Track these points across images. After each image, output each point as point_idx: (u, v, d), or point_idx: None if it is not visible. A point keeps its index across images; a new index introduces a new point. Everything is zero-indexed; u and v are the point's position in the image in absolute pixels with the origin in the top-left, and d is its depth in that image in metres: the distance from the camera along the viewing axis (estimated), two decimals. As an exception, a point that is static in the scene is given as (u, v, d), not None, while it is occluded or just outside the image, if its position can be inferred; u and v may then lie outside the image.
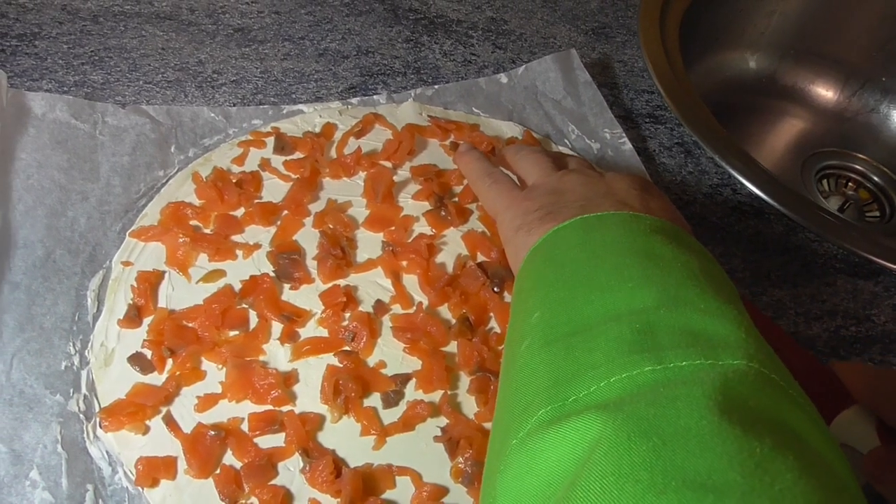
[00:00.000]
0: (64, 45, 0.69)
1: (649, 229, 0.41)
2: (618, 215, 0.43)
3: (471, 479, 0.46)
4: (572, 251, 0.41)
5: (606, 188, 0.48)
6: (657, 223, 0.43)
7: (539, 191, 0.50)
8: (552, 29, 0.80)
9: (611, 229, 0.42)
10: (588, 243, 0.41)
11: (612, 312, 0.35)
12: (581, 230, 0.43)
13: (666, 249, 0.39)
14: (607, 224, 0.42)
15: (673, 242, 0.40)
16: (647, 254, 0.38)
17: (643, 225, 0.42)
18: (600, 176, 0.50)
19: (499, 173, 0.55)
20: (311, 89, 0.69)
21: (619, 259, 0.38)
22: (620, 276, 0.37)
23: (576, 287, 0.38)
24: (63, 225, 0.55)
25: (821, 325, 0.59)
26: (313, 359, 0.51)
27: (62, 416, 0.47)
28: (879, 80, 0.94)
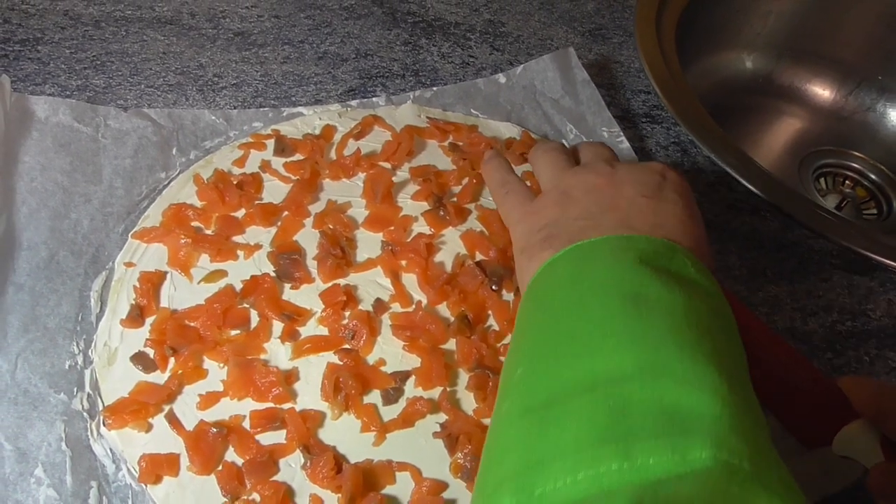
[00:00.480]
0: (66, 50, 0.70)
1: (641, 258, 0.40)
2: (611, 241, 0.42)
3: (470, 474, 0.47)
4: (562, 291, 0.40)
5: (612, 197, 0.46)
6: (651, 246, 0.42)
7: (546, 201, 0.48)
8: (549, 31, 0.81)
9: (602, 260, 0.41)
10: (578, 281, 0.40)
11: (589, 380, 0.34)
12: (574, 262, 0.42)
13: (653, 288, 0.38)
14: (600, 253, 0.42)
15: (663, 275, 0.39)
16: (634, 298, 0.37)
17: (636, 251, 0.41)
18: (611, 174, 0.48)
19: (514, 182, 0.54)
20: (310, 92, 0.69)
21: (605, 307, 0.37)
22: (603, 331, 0.36)
23: (559, 343, 0.37)
24: (66, 227, 0.56)
25: (817, 321, 0.60)
26: (314, 357, 0.52)
27: (66, 415, 0.47)
28: (876, 78, 0.94)
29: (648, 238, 0.42)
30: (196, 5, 0.76)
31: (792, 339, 0.58)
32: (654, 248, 0.42)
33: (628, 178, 0.48)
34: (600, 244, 0.42)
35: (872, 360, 0.58)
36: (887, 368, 0.58)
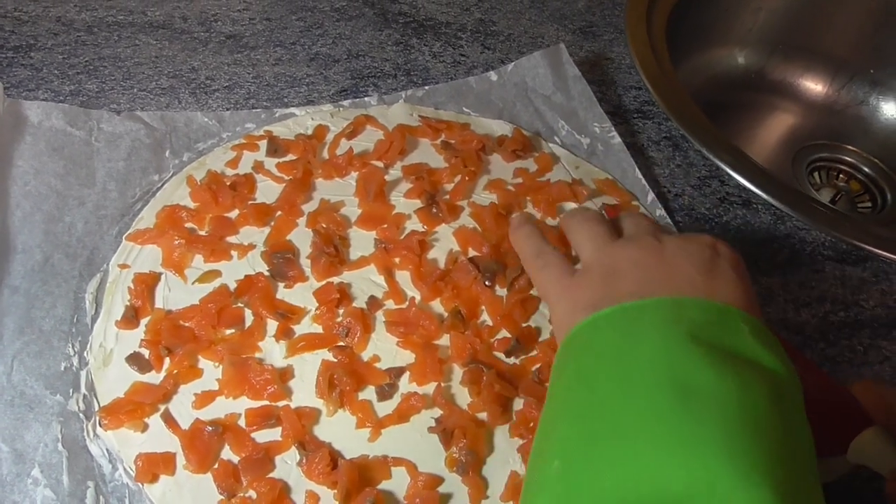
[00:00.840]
0: (59, 56, 0.70)
1: (692, 332, 0.37)
2: (661, 305, 0.40)
3: (465, 468, 0.47)
4: (606, 366, 0.38)
5: (665, 273, 0.42)
6: (704, 314, 0.39)
7: (590, 276, 0.44)
8: (540, 29, 0.82)
9: (650, 332, 0.38)
10: (624, 357, 0.37)
11: (634, 499, 0.32)
12: (620, 329, 0.39)
13: (705, 376, 0.35)
14: (648, 322, 0.39)
15: (717, 356, 0.36)
16: (684, 390, 0.34)
17: (687, 322, 0.38)
18: (660, 248, 0.44)
19: (550, 253, 0.49)
20: (302, 93, 0.70)
21: (653, 399, 0.34)
22: (651, 432, 0.33)
23: (602, 437, 0.35)
24: (60, 230, 0.56)
25: (809, 312, 0.60)
26: (308, 354, 0.52)
27: (62, 416, 0.48)
28: (867, 72, 0.94)
29: (701, 302, 0.40)
30: (188, 9, 0.77)
31: (785, 331, 0.58)
32: (708, 315, 0.39)
33: (679, 252, 0.44)
34: (649, 308, 0.40)
35: (866, 350, 0.58)
36: (881, 358, 0.58)
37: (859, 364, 0.57)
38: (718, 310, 0.39)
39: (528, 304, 0.56)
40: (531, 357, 0.53)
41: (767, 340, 0.38)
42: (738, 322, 0.39)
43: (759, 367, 0.37)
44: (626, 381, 0.36)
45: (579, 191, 0.63)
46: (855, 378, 0.56)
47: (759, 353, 0.37)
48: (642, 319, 0.39)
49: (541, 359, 0.53)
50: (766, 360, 0.37)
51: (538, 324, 0.55)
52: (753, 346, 0.37)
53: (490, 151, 0.66)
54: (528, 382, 0.51)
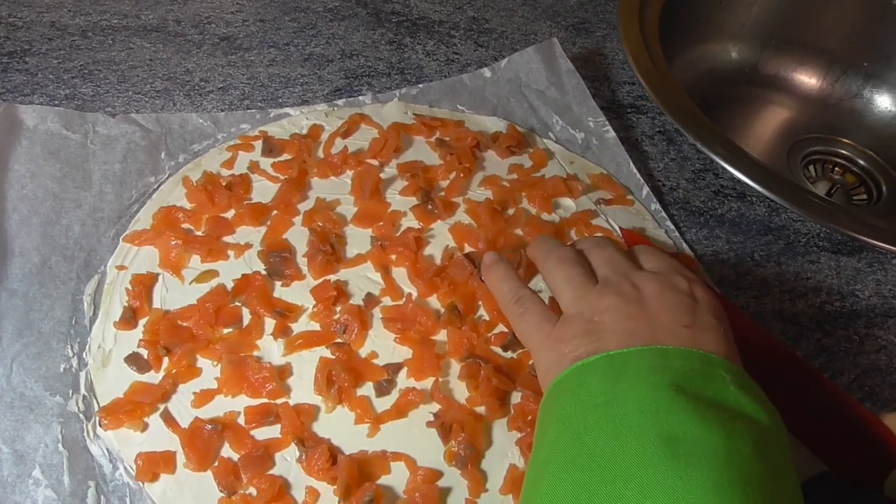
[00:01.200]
0: (54, 61, 0.70)
1: (677, 382, 0.37)
2: (645, 355, 0.40)
3: (464, 462, 0.47)
4: (594, 413, 0.38)
5: (647, 321, 0.43)
6: (687, 363, 0.39)
7: (572, 327, 0.44)
8: (533, 26, 0.82)
9: (636, 382, 0.38)
10: (612, 405, 0.37)
11: None
12: (606, 376, 0.39)
13: (691, 427, 0.35)
14: (633, 370, 0.39)
15: (701, 406, 0.36)
16: (672, 442, 0.35)
17: (671, 372, 0.38)
18: (639, 298, 0.44)
19: (528, 297, 0.49)
20: (297, 93, 0.70)
21: (642, 451, 0.35)
22: (641, 485, 0.33)
23: (589, 488, 0.35)
24: (58, 232, 0.56)
25: (805, 302, 0.60)
26: (306, 352, 0.52)
27: (62, 417, 0.48)
28: (861, 65, 0.95)
29: (684, 352, 0.40)
30: (181, 12, 0.77)
31: (781, 321, 0.59)
32: (691, 364, 0.39)
33: (661, 303, 0.44)
34: (634, 356, 0.40)
35: (862, 340, 0.59)
36: (876, 347, 0.58)
37: (855, 354, 0.58)
38: (702, 359, 0.40)
39: (525, 298, 0.56)
40: (528, 351, 0.53)
41: (749, 389, 0.39)
42: (721, 371, 0.39)
43: (743, 416, 0.37)
44: (614, 432, 0.36)
45: (574, 186, 0.63)
46: (851, 368, 0.57)
47: (742, 402, 0.38)
48: (627, 368, 0.39)
49: (538, 352, 0.53)
50: (748, 408, 0.38)
51: (535, 318, 0.55)
52: (736, 395, 0.38)
53: (484, 148, 0.66)
54: (526, 376, 0.52)
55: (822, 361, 0.57)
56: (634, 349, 0.40)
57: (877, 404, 0.55)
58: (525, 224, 0.60)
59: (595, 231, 0.61)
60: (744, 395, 0.38)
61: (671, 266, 0.48)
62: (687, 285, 0.46)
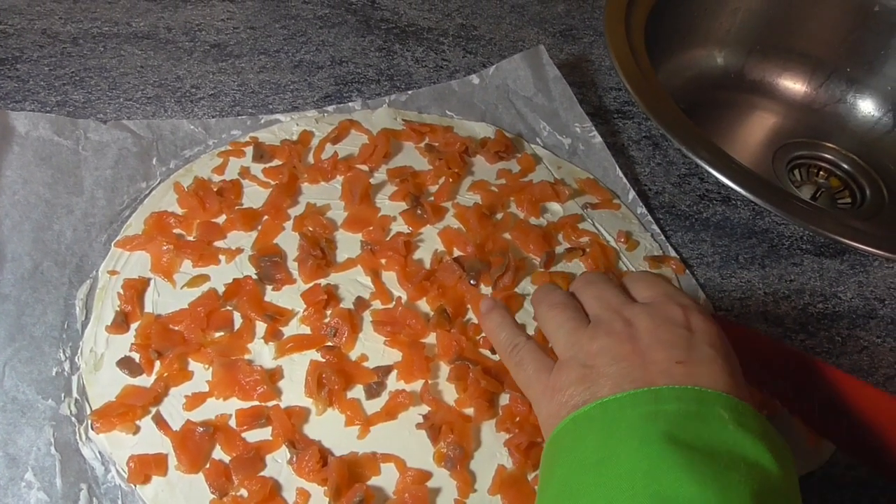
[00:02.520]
0: (45, 68, 0.71)
1: (670, 432, 0.36)
2: (638, 400, 0.39)
3: (453, 463, 0.48)
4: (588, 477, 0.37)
5: (640, 361, 0.41)
6: (681, 405, 0.38)
7: (567, 374, 0.43)
8: (520, 33, 0.83)
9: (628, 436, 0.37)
10: (604, 465, 0.37)
11: None
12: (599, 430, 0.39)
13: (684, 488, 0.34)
14: (625, 422, 0.38)
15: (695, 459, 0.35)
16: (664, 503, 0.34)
17: (665, 419, 0.37)
18: (633, 335, 0.43)
19: (524, 345, 0.49)
20: (287, 99, 0.71)
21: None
22: None
23: None
24: (50, 238, 0.57)
25: (789, 304, 0.61)
26: (297, 355, 0.53)
27: (55, 420, 0.48)
28: (844, 70, 0.96)
29: (678, 392, 0.39)
30: (172, 19, 0.77)
31: (765, 323, 0.60)
32: (686, 406, 0.38)
33: (653, 339, 0.43)
34: (627, 403, 0.39)
35: (844, 341, 0.60)
36: (858, 348, 0.59)
37: (838, 354, 0.59)
38: (697, 398, 0.38)
39: (513, 301, 0.57)
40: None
41: (752, 426, 0.38)
42: (718, 409, 0.38)
43: (743, 462, 0.36)
44: (607, 496, 0.35)
45: (561, 190, 0.64)
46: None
47: (742, 443, 0.36)
48: (621, 417, 0.38)
49: (526, 354, 0.54)
50: (749, 450, 0.36)
51: (522, 320, 0.56)
52: (735, 436, 0.37)
53: (473, 153, 0.67)
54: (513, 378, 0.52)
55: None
56: (628, 394, 0.39)
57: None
58: (513, 228, 0.61)
59: (582, 235, 0.62)
60: (745, 435, 0.37)
61: (665, 294, 0.47)
62: (682, 315, 0.44)
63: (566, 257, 0.61)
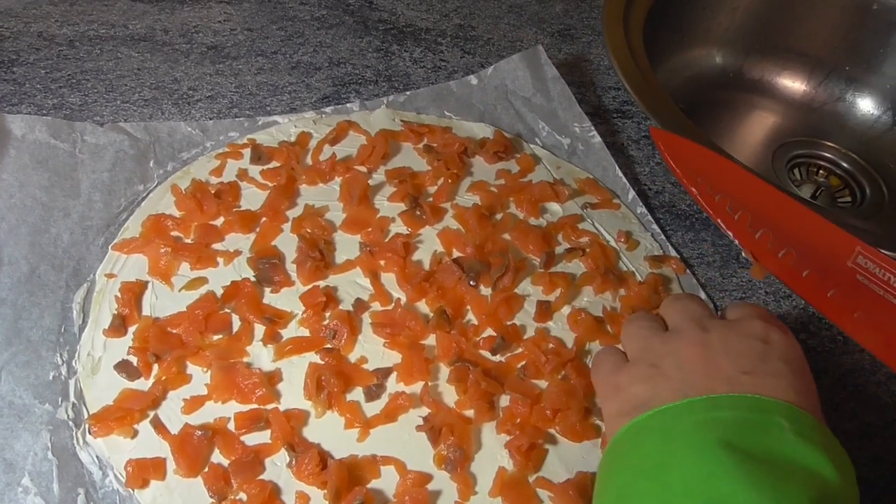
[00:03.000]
0: (41, 70, 0.70)
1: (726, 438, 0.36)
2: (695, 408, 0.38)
3: (453, 465, 0.48)
4: (646, 483, 0.37)
5: (707, 374, 0.41)
6: (738, 413, 0.37)
7: (633, 375, 0.44)
8: (519, 33, 0.83)
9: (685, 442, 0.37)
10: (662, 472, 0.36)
11: None
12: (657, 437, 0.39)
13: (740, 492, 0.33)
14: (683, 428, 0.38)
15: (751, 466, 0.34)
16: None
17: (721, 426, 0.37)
18: (705, 342, 0.43)
19: (607, 349, 0.49)
20: (285, 101, 0.70)
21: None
22: None
23: None
24: (46, 241, 0.56)
25: (790, 303, 0.61)
26: (296, 358, 0.52)
27: (52, 424, 0.48)
28: (843, 69, 0.96)
29: (736, 399, 0.38)
30: (169, 22, 0.77)
31: (766, 322, 0.59)
32: (743, 414, 0.37)
33: (724, 347, 0.42)
34: (684, 411, 0.39)
35: (846, 340, 0.59)
36: (860, 347, 0.59)
37: (839, 353, 0.58)
38: (757, 406, 0.38)
39: (513, 302, 0.56)
40: (516, 354, 0.54)
41: (815, 437, 0.37)
42: (778, 418, 0.37)
43: (802, 470, 0.35)
44: (662, 502, 0.35)
45: (561, 190, 0.64)
46: (835, 368, 0.57)
47: (802, 452, 0.35)
48: (678, 425, 0.38)
49: (525, 356, 0.54)
50: (809, 459, 0.35)
51: (522, 321, 0.56)
52: (794, 445, 0.36)
53: (472, 154, 0.66)
54: (514, 379, 0.52)
55: (808, 361, 0.57)
56: (685, 402, 0.39)
57: (861, 403, 0.56)
58: (512, 229, 0.61)
59: (581, 235, 0.61)
60: (805, 444, 0.36)
61: (754, 312, 0.45)
62: (762, 329, 0.43)
63: (566, 257, 0.60)
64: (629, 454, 0.39)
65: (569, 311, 0.57)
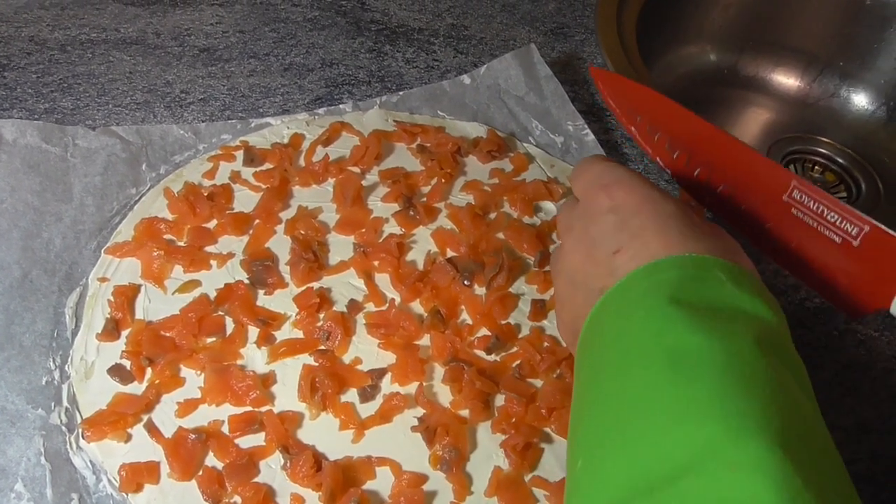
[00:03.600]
0: (33, 75, 0.70)
1: (673, 295, 0.37)
2: (638, 278, 0.39)
3: (449, 465, 0.47)
4: (608, 354, 0.38)
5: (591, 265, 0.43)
6: (680, 271, 0.38)
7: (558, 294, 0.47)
8: (512, 31, 0.82)
9: (636, 307, 0.38)
10: (620, 338, 0.38)
11: (645, 484, 0.32)
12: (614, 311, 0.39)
13: (691, 339, 0.35)
14: (633, 294, 0.39)
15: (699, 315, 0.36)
16: (673, 357, 0.35)
17: (667, 286, 0.37)
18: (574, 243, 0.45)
19: None
20: (277, 103, 0.70)
21: (646, 375, 0.35)
22: (649, 408, 0.34)
23: (610, 428, 0.35)
24: (38, 246, 0.56)
25: (786, 299, 0.61)
26: (290, 360, 0.52)
27: (45, 429, 0.48)
28: (837, 65, 0.96)
29: (676, 260, 0.39)
30: (160, 25, 0.77)
31: (762, 318, 0.59)
32: (685, 271, 0.38)
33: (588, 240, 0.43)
34: (631, 284, 0.39)
35: (841, 335, 0.59)
36: (856, 342, 0.59)
37: (836, 349, 0.58)
38: (694, 263, 0.38)
39: (507, 301, 0.56)
40: (511, 354, 0.54)
41: (749, 286, 0.38)
42: (716, 271, 0.38)
43: (743, 314, 0.36)
44: (623, 365, 0.37)
45: (555, 189, 0.64)
46: (832, 363, 0.57)
47: (741, 299, 0.37)
48: (630, 296, 0.39)
49: (521, 355, 0.53)
50: (748, 305, 0.37)
51: (517, 321, 0.56)
52: (733, 294, 0.37)
53: (465, 153, 0.66)
54: (509, 378, 0.52)
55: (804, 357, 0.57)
56: (627, 278, 0.39)
57: (858, 398, 0.55)
58: (507, 228, 0.61)
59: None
60: (741, 293, 0.37)
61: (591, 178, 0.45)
62: (606, 199, 0.43)
63: (560, 256, 0.60)
64: (593, 341, 0.40)
65: (563, 309, 0.57)
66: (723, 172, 0.47)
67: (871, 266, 0.41)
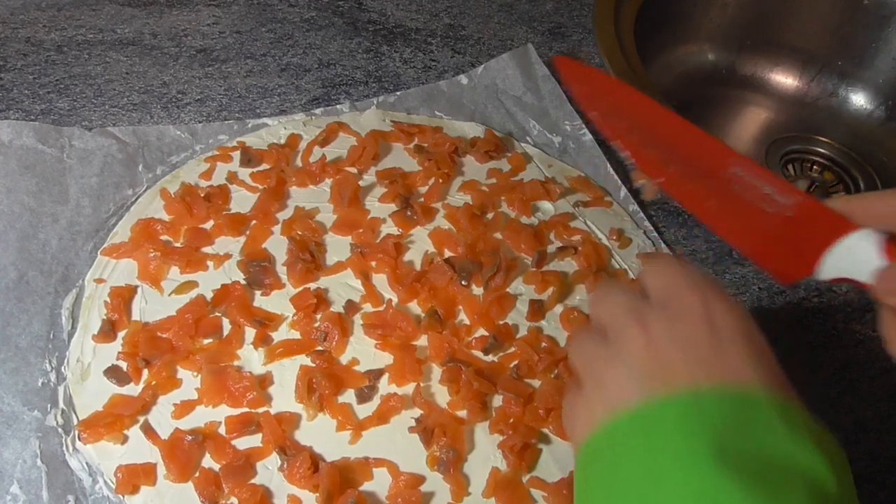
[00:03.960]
0: (29, 76, 0.70)
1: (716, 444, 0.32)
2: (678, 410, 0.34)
3: (446, 466, 0.47)
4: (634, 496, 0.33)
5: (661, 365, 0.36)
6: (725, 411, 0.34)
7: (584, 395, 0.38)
8: (509, 31, 0.82)
9: (672, 450, 0.33)
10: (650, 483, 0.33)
11: None
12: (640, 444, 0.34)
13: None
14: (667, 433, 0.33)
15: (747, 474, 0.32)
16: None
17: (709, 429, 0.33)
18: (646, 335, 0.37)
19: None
20: (274, 103, 0.70)
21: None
22: None
23: None
24: (35, 247, 0.56)
25: (784, 299, 0.61)
26: (287, 360, 0.52)
27: (41, 431, 0.47)
28: (836, 64, 0.96)
29: (719, 399, 0.34)
30: (157, 25, 0.77)
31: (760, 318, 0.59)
32: (729, 410, 0.34)
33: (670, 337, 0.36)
34: (666, 412, 0.34)
35: (840, 334, 0.59)
36: (854, 341, 0.59)
37: (834, 348, 0.58)
38: (739, 401, 0.34)
39: (505, 301, 0.56)
40: (509, 354, 0.54)
41: (798, 424, 0.34)
42: (763, 408, 0.34)
43: (795, 471, 0.32)
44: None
45: (552, 189, 0.64)
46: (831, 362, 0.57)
47: (792, 447, 0.33)
48: (661, 430, 0.34)
49: (518, 355, 0.53)
50: (800, 455, 0.33)
51: (515, 321, 0.55)
52: (785, 439, 0.33)
53: (463, 153, 0.66)
54: (507, 379, 0.52)
55: (803, 356, 0.57)
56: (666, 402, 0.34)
57: (857, 397, 0.55)
58: (504, 228, 0.61)
59: (574, 233, 0.61)
60: (795, 436, 0.33)
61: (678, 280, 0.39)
62: (701, 304, 0.37)
63: (558, 256, 0.60)
64: (610, 466, 0.35)
65: (561, 309, 0.57)
66: (673, 151, 0.48)
67: (803, 235, 0.42)
